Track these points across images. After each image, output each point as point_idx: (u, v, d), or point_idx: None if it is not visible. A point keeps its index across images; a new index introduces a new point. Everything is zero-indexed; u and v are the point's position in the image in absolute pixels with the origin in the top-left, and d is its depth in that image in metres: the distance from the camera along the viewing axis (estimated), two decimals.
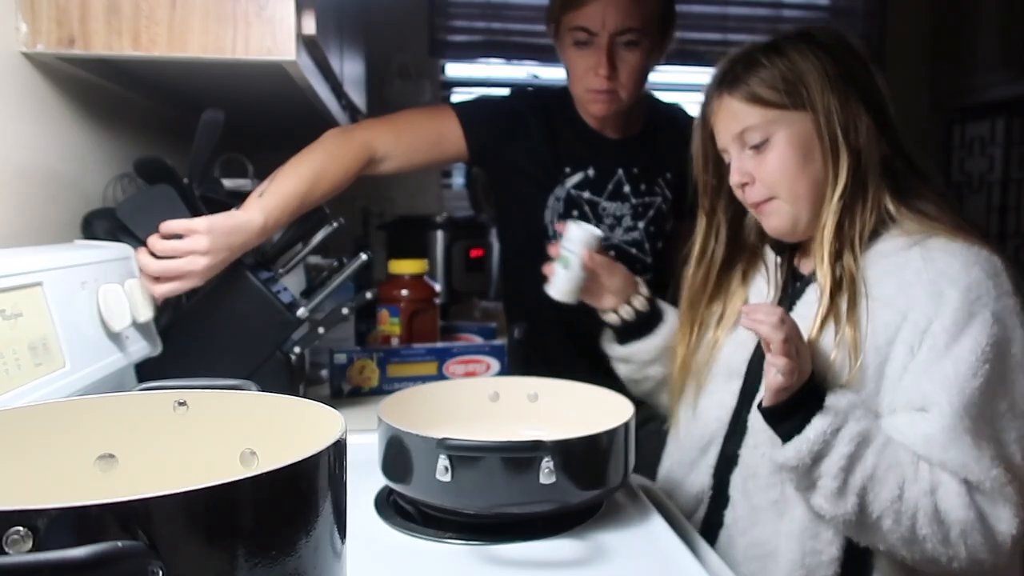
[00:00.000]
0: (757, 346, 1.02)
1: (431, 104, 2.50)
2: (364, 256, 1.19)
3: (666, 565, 0.77)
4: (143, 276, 1.00)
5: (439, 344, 1.44)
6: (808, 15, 2.82)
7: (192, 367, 1.03)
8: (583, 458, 0.80)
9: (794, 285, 1.05)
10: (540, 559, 0.77)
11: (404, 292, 1.52)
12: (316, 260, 1.56)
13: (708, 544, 0.91)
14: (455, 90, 2.71)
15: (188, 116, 1.26)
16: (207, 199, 1.13)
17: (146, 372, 1.02)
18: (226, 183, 1.37)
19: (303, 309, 1.15)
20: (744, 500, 1.00)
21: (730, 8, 2.72)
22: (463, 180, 2.54)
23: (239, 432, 0.62)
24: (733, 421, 1.04)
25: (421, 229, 2.14)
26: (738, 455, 1.01)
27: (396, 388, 1.32)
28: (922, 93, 2.82)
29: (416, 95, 2.48)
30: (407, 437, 0.81)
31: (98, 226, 1.09)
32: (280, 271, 1.23)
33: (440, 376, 1.38)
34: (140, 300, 0.98)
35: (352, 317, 1.47)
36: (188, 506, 0.39)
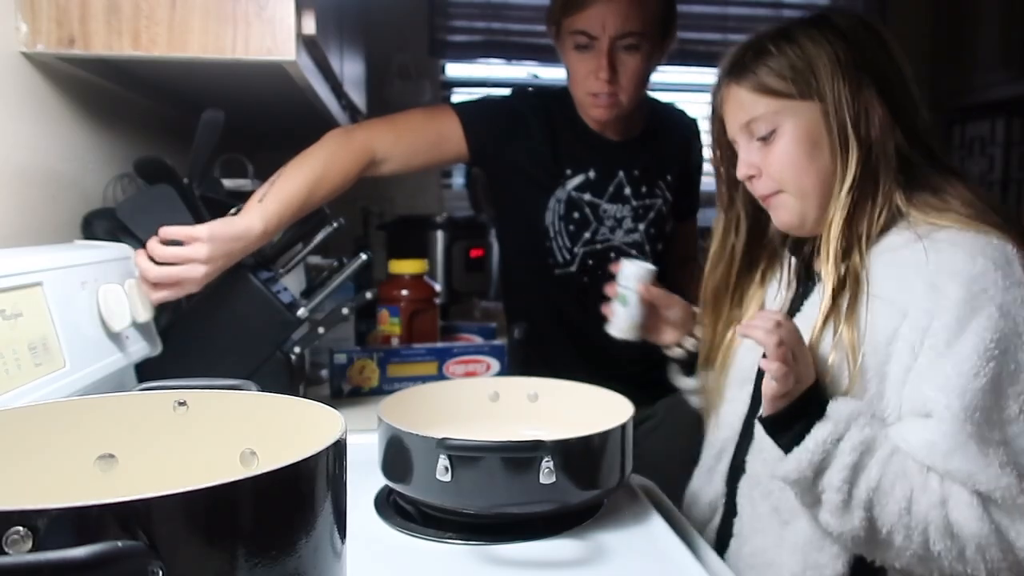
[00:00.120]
0: None
1: (431, 104, 2.50)
2: (364, 256, 1.19)
3: (666, 565, 0.77)
4: (141, 281, 1.00)
5: (439, 344, 1.44)
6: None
7: (192, 367, 1.03)
8: (583, 458, 0.80)
9: (805, 285, 1.01)
10: (540, 559, 0.77)
11: (404, 292, 1.52)
12: (316, 260, 1.56)
13: (714, 550, 0.89)
14: (455, 90, 2.71)
15: (188, 116, 1.26)
16: (207, 199, 1.13)
17: (146, 372, 1.02)
18: (226, 183, 1.37)
19: (303, 309, 1.15)
20: (749, 508, 0.98)
21: (730, 8, 2.72)
22: (463, 180, 2.54)
23: (239, 432, 0.62)
24: (744, 427, 1.01)
25: (421, 229, 2.14)
26: (745, 462, 0.99)
27: (396, 388, 1.32)
28: (922, 93, 2.82)
29: (416, 95, 2.48)
30: (407, 437, 0.81)
31: (98, 226, 1.09)
32: (280, 271, 1.23)
33: (440, 376, 1.38)
34: (140, 300, 0.99)
35: (352, 317, 1.47)
36: (188, 506, 0.39)
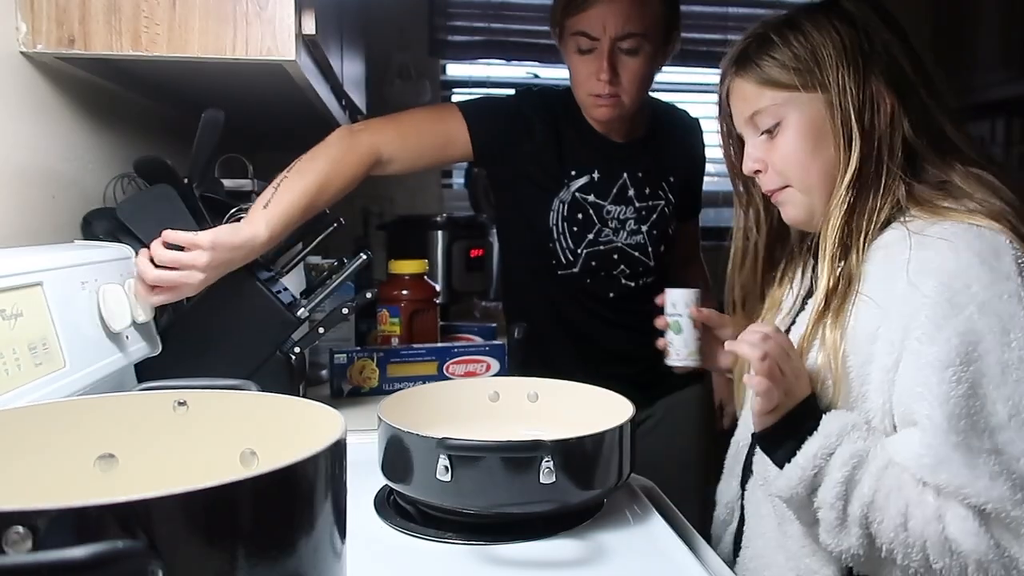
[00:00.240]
0: None
1: (433, 104, 2.50)
2: (364, 256, 1.19)
3: (666, 565, 0.77)
4: (138, 281, 0.99)
5: (439, 344, 1.44)
6: None
7: (192, 367, 1.03)
8: (583, 458, 0.80)
9: (814, 284, 0.97)
10: (540, 559, 0.77)
11: (404, 292, 1.52)
12: (316, 260, 1.56)
13: (733, 552, 0.87)
14: (455, 90, 2.71)
15: (188, 116, 1.26)
16: (207, 199, 1.13)
17: (146, 372, 1.02)
18: (226, 183, 1.37)
19: (303, 309, 1.15)
20: (753, 510, 0.96)
21: (730, 8, 2.72)
22: (463, 180, 2.54)
23: (239, 432, 0.62)
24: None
25: (421, 229, 2.14)
26: (753, 463, 0.97)
27: (396, 388, 1.32)
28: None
29: (416, 95, 2.48)
30: (407, 437, 0.81)
31: (98, 226, 1.09)
32: (280, 271, 1.23)
33: (440, 376, 1.37)
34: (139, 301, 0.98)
35: (352, 317, 1.47)
36: (188, 506, 0.39)
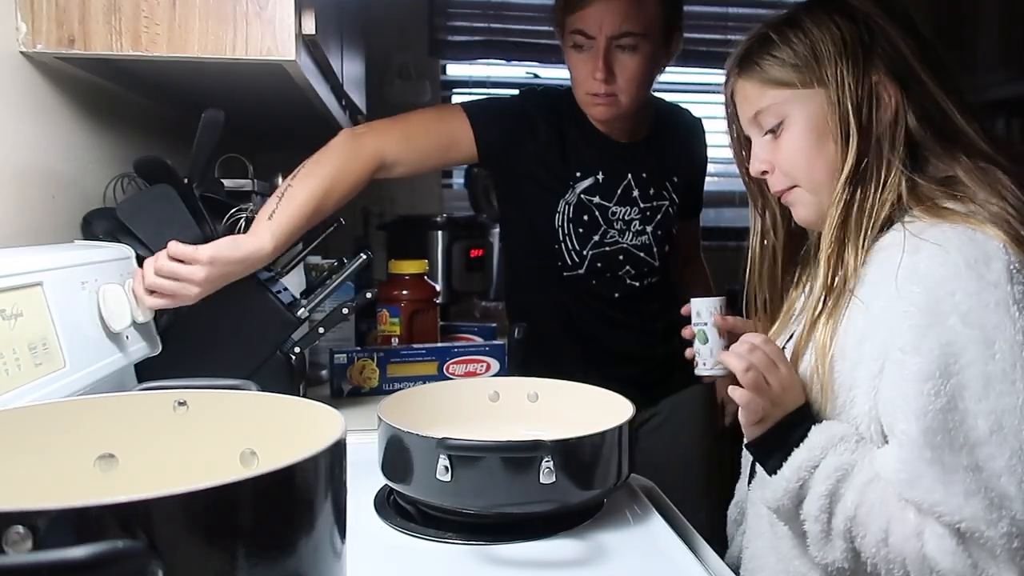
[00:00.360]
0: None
1: (433, 104, 2.50)
2: (364, 256, 1.19)
3: (666, 565, 0.77)
4: (136, 282, 0.99)
5: (439, 344, 1.44)
6: None
7: (192, 367, 1.03)
8: (583, 458, 0.80)
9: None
10: (540, 559, 0.77)
11: (404, 292, 1.52)
12: (316, 260, 1.56)
13: (735, 555, 0.87)
14: (455, 90, 2.71)
15: (188, 116, 1.26)
16: (207, 199, 1.13)
17: (146, 372, 1.02)
18: (226, 183, 1.37)
19: (303, 309, 1.15)
20: (753, 509, 0.96)
21: (730, 8, 2.71)
22: (463, 180, 2.54)
23: (239, 432, 0.62)
24: None
25: (421, 229, 2.14)
26: (755, 464, 0.97)
27: (396, 388, 1.32)
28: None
29: (416, 95, 2.47)
30: (407, 437, 0.81)
31: (98, 226, 1.09)
32: (280, 271, 1.23)
33: (440, 376, 1.38)
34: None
35: (352, 317, 1.47)
36: (188, 506, 0.39)
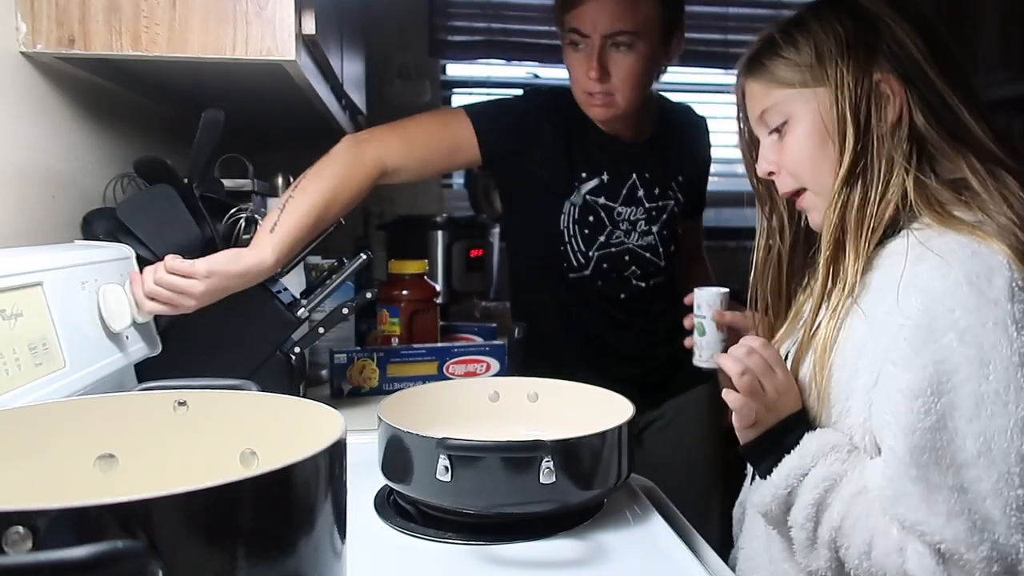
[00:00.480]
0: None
1: (433, 105, 2.50)
2: (364, 256, 1.19)
3: (666, 565, 0.77)
4: (135, 286, 0.98)
5: (439, 344, 1.44)
6: None
7: (192, 367, 1.03)
8: (583, 458, 0.80)
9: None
10: (540, 559, 0.77)
11: (404, 292, 1.52)
12: (316, 260, 1.56)
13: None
14: (455, 90, 2.71)
15: (188, 116, 1.26)
16: (207, 199, 1.13)
17: (146, 372, 1.02)
18: (226, 183, 1.37)
19: (303, 309, 1.15)
20: (751, 511, 0.96)
21: (730, 8, 2.71)
22: (463, 180, 2.54)
23: (239, 432, 0.62)
24: None
25: (421, 229, 2.13)
26: None
27: (396, 388, 1.32)
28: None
29: (416, 95, 2.47)
30: (407, 437, 0.81)
31: (98, 226, 1.09)
32: (280, 271, 1.23)
33: (440, 376, 1.37)
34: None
35: (352, 317, 1.47)
36: (188, 506, 0.39)
